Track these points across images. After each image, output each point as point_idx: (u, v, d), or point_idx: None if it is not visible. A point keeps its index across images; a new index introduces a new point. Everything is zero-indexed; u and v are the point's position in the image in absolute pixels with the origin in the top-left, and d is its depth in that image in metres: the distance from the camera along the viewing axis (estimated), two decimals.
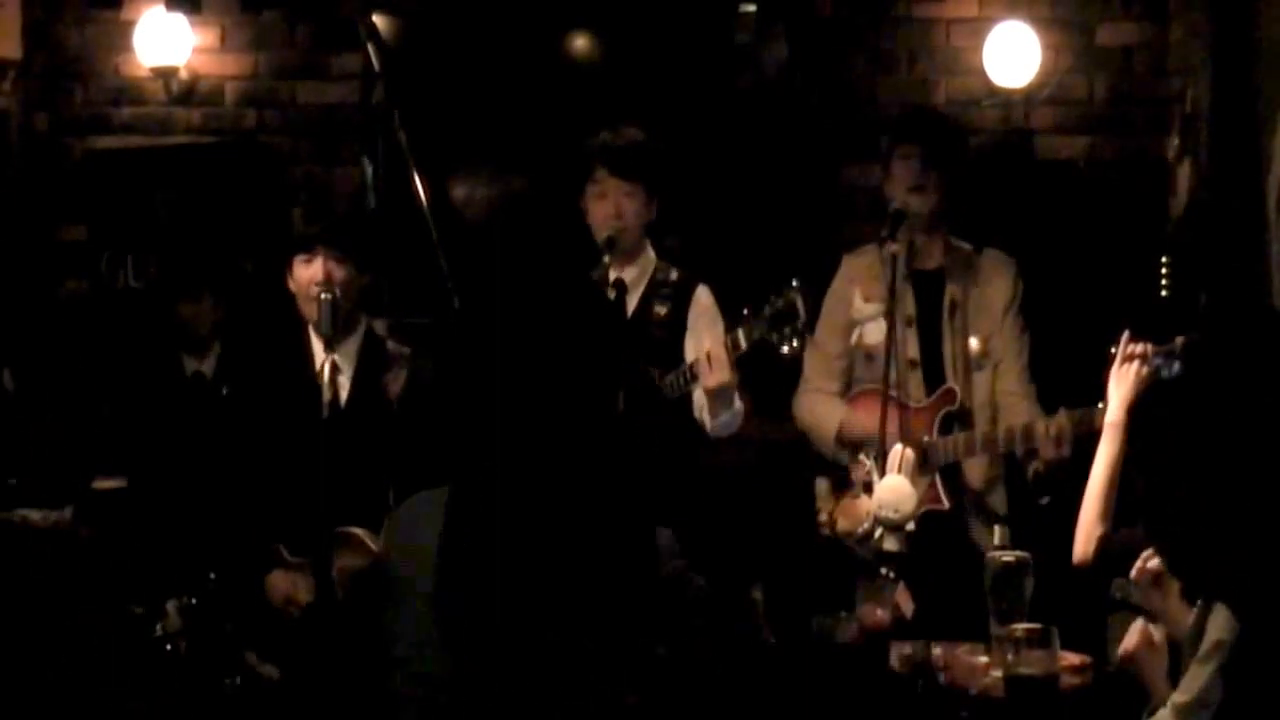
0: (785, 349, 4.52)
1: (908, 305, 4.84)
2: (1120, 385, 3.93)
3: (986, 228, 5.14)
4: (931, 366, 4.86)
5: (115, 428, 5.63)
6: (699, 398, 4.72)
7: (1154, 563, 3.61)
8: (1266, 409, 3.34)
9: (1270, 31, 5.48)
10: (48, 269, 6.64)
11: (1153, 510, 3.34)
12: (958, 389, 4.81)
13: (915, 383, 4.83)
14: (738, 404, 4.73)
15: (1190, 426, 3.29)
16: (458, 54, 6.68)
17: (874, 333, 4.88)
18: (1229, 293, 5.54)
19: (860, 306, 4.92)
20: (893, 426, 4.60)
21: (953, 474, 4.78)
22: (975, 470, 4.85)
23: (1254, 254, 5.39)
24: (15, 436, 5.76)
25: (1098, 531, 3.81)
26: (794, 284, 4.45)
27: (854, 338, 4.93)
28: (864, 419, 4.78)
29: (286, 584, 4.54)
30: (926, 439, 4.69)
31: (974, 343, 4.86)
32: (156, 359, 5.82)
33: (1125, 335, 3.97)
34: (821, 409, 4.95)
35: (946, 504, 4.73)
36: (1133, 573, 3.68)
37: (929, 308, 4.88)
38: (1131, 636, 3.54)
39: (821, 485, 4.94)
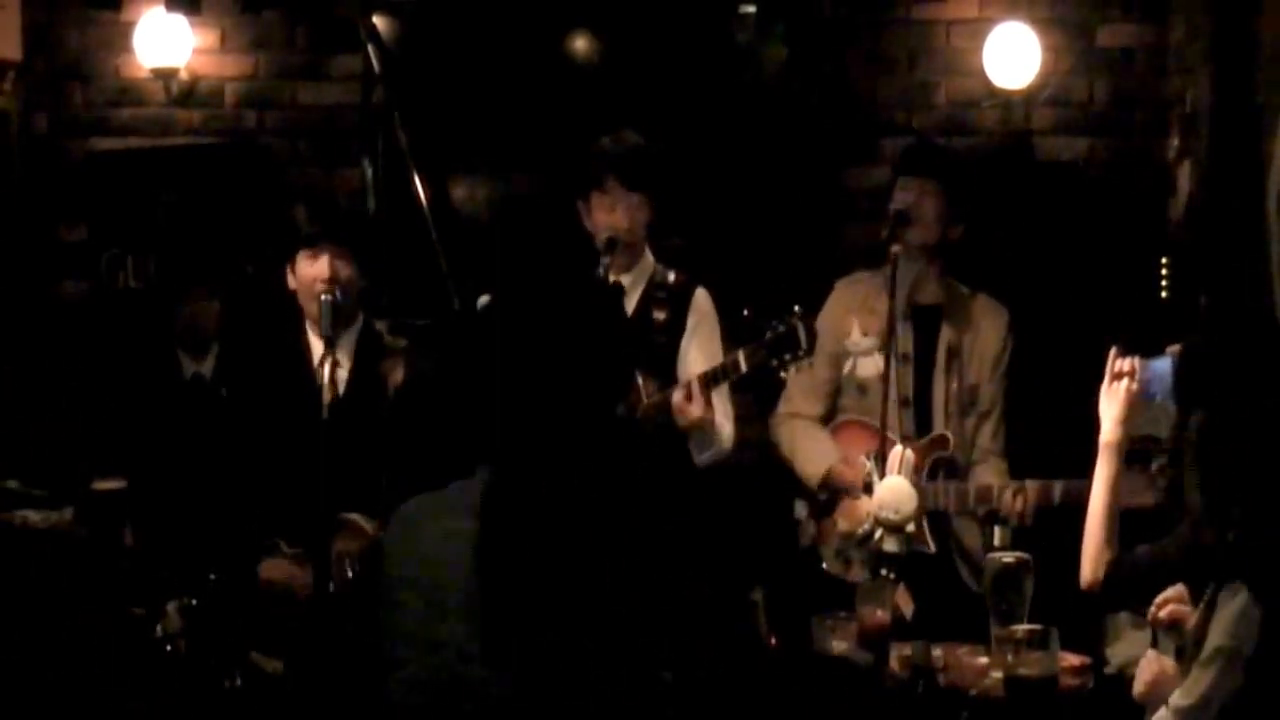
0: (784, 374, 4.57)
1: (905, 342, 4.83)
2: (1111, 403, 3.84)
3: (985, 228, 5.13)
4: (922, 407, 4.85)
5: (115, 428, 5.63)
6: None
7: (1167, 610, 3.59)
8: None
9: (1270, 32, 5.48)
10: (48, 269, 6.64)
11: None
12: (950, 435, 4.81)
13: (905, 421, 4.81)
14: (723, 439, 4.71)
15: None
16: (458, 55, 6.68)
17: (868, 366, 4.87)
18: (1229, 294, 5.53)
19: (857, 339, 4.91)
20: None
21: (940, 519, 4.76)
22: None
23: (1254, 255, 5.38)
24: (15, 437, 5.75)
25: (1106, 556, 3.72)
26: (795, 310, 4.46)
27: (846, 368, 4.92)
28: (853, 469, 4.78)
29: (279, 571, 4.56)
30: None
31: (954, 388, 4.86)
32: (156, 360, 5.81)
33: (1113, 352, 3.88)
34: (808, 444, 4.91)
35: (932, 548, 4.71)
36: (1149, 617, 3.66)
37: (925, 346, 4.87)
38: (1145, 670, 3.49)
39: (800, 509, 4.93)
